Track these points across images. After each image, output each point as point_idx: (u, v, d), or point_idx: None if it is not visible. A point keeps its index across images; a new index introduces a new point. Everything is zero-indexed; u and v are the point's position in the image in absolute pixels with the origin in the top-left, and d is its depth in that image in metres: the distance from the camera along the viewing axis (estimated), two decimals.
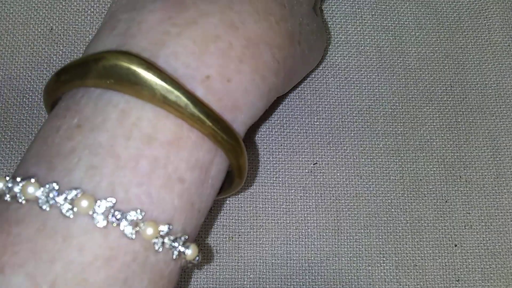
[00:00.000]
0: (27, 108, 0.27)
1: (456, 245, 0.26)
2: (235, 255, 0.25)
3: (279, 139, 0.27)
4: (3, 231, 0.15)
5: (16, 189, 0.16)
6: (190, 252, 0.17)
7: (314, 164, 0.27)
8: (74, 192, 0.15)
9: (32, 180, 0.16)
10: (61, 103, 0.18)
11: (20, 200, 0.16)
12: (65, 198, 0.15)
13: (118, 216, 0.16)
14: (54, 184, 0.16)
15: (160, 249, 0.17)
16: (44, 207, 0.15)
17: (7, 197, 0.16)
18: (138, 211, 0.16)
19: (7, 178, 0.16)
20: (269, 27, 0.20)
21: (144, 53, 0.17)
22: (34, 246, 0.15)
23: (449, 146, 0.27)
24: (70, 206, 0.15)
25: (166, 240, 0.17)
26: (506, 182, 0.27)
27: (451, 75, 0.28)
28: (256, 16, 0.19)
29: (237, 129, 0.19)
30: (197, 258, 0.18)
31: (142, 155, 0.16)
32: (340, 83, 0.28)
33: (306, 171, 0.27)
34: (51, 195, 0.15)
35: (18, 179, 0.16)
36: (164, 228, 0.16)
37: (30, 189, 0.16)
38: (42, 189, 0.16)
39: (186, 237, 0.17)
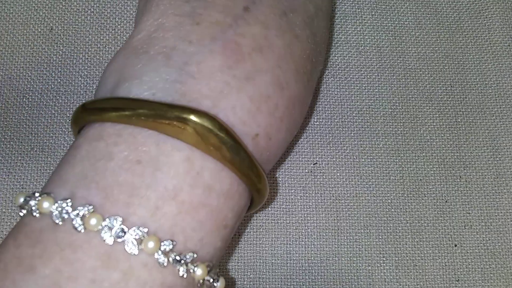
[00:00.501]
0: (27, 108, 0.27)
1: (456, 245, 0.26)
2: (235, 255, 0.25)
3: None
4: (55, 255, 0.16)
5: (73, 215, 0.16)
6: (219, 284, 0.19)
7: (314, 164, 0.27)
8: (141, 232, 0.16)
9: (91, 209, 0.16)
10: (105, 126, 0.18)
11: (79, 229, 0.16)
12: (131, 235, 0.16)
13: (177, 258, 0.17)
14: (119, 219, 0.16)
15: (199, 285, 0.18)
16: (107, 241, 0.16)
17: (58, 221, 0.16)
18: (192, 253, 0.17)
19: (59, 201, 0.16)
20: (304, 87, 0.21)
21: (205, 100, 0.18)
22: (93, 276, 0.15)
23: (449, 146, 0.27)
24: (135, 243, 0.16)
25: (206, 277, 0.18)
26: (506, 182, 0.27)
27: (451, 75, 0.28)
28: (296, 75, 0.21)
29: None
30: None
31: (202, 204, 0.17)
32: (340, 83, 0.28)
33: (306, 171, 0.27)
34: (116, 229, 0.16)
35: (69, 202, 0.16)
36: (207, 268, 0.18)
37: (93, 221, 0.16)
38: (105, 221, 0.16)
39: (218, 270, 0.19)
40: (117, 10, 0.28)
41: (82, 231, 0.16)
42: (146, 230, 0.16)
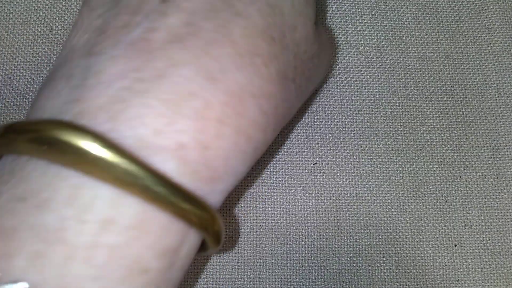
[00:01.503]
0: (27, 108, 0.27)
1: (456, 245, 0.26)
2: (235, 255, 0.25)
3: (279, 139, 0.27)
4: None
5: None
6: None
7: (314, 164, 0.27)
8: (19, 286, 0.13)
9: None
10: (7, 160, 0.15)
11: None
12: None
13: None
14: None
15: None
16: None
17: None
18: None
19: None
20: (255, 72, 0.16)
21: (101, 113, 0.15)
22: None
23: (449, 146, 0.27)
24: None
25: None
26: (506, 182, 0.27)
27: (451, 75, 0.28)
28: (238, 60, 0.16)
29: (215, 199, 0.16)
30: None
31: (98, 243, 0.14)
32: (340, 83, 0.28)
33: (306, 171, 0.27)
34: None
35: None
36: None
37: None
38: None
39: None
40: None
41: None
42: (24, 285, 0.13)
